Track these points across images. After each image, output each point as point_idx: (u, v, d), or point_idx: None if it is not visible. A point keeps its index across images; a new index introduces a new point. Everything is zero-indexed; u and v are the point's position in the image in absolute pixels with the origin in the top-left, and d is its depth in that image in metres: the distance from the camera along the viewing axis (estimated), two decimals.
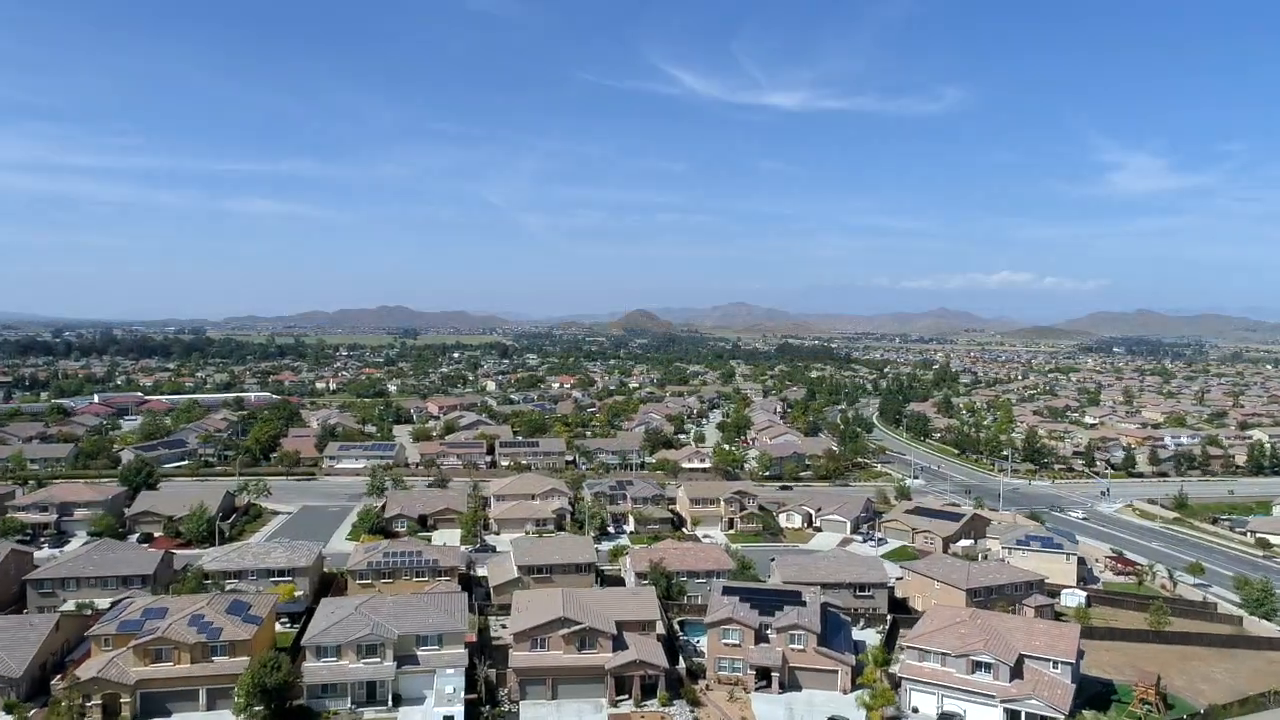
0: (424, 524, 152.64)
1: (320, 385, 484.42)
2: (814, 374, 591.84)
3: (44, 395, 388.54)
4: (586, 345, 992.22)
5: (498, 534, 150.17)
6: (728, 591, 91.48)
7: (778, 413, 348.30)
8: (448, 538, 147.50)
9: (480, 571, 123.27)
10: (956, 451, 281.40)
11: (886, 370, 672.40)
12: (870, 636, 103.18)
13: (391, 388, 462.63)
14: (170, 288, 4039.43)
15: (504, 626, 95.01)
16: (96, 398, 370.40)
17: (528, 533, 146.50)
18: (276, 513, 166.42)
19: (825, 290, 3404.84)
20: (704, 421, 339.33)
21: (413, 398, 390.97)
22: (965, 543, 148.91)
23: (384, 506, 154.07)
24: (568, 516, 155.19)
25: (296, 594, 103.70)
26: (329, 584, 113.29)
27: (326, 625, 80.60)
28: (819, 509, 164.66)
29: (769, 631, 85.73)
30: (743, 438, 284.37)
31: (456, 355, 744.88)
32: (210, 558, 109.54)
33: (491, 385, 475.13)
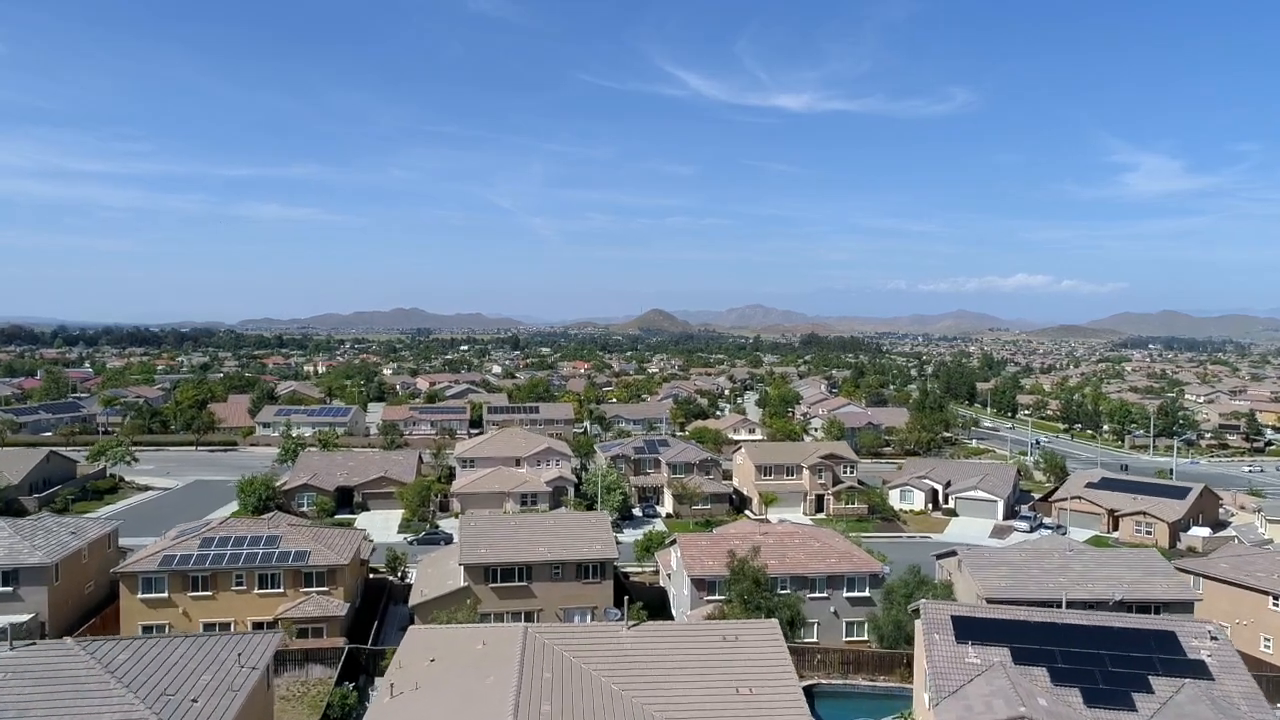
0: (347, 501, 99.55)
1: (309, 369, 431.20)
2: (850, 359, 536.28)
3: None
4: (602, 340, 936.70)
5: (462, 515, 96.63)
6: (967, 630, 34.84)
7: (824, 390, 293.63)
8: (383, 521, 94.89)
9: (413, 576, 70.40)
10: (1063, 427, 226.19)
11: (924, 358, 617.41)
12: None
13: (387, 371, 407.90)
14: (186, 292, 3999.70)
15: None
16: (39, 374, 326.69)
17: (506, 512, 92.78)
18: (148, 488, 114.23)
19: (839, 293, 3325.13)
20: (739, 400, 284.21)
21: (405, 377, 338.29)
22: (1200, 531, 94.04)
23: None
24: (570, 490, 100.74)
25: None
26: (112, 601, 60.33)
27: None
28: (948, 483, 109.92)
29: None
30: (791, 413, 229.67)
31: (465, 347, 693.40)
32: None
33: (497, 369, 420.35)
